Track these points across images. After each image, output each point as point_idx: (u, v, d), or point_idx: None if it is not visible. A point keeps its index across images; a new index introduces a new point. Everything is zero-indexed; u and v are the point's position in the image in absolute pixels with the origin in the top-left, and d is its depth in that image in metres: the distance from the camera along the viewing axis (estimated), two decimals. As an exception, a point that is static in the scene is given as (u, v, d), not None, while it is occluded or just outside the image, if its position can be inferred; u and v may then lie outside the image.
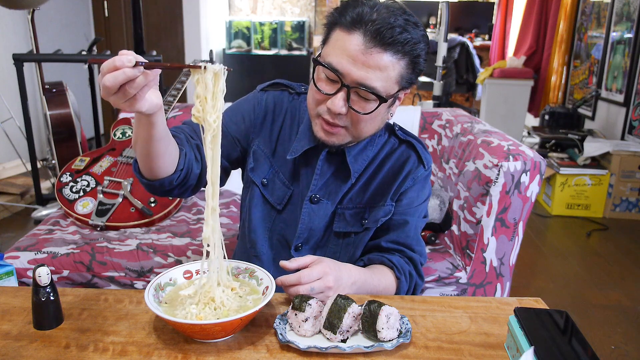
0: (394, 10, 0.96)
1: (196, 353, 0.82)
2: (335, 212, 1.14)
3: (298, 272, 0.95)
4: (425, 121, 2.18)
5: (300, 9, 6.44)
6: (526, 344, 0.76)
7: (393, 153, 1.15)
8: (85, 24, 5.29)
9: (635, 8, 3.76)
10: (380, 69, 0.94)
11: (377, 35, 0.93)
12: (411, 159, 1.14)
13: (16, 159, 3.64)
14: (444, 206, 1.84)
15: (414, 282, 1.16)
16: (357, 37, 0.94)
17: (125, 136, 2.18)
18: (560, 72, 4.88)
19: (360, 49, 0.93)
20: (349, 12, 0.96)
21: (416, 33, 0.96)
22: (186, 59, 5.42)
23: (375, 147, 1.14)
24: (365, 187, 1.14)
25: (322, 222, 1.14)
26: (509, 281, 1.67)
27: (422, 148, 1.16)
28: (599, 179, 3.49)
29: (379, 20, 0.93)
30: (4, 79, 3.81)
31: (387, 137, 1.16)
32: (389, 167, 1.14)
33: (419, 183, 1.14)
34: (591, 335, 2.13)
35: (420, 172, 1.14)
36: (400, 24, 0.94)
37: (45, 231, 1.84)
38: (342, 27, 0.96)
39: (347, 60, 0.95)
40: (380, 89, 0.96)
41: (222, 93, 0.86)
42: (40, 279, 0.86)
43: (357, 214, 1.14)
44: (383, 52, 0.94)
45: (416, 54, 0.97)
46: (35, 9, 2.81)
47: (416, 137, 1.18)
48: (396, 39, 0.93)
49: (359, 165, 1.12)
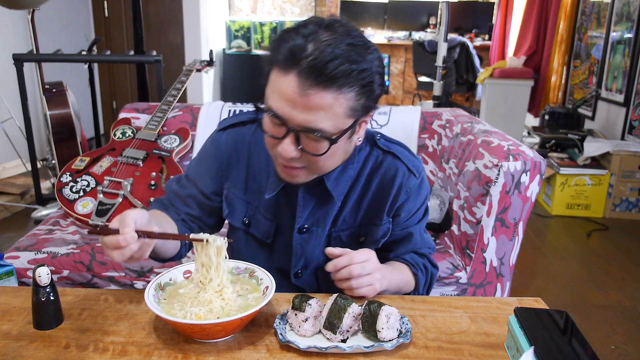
0: (335, 35, 0.85)
1: (196, 353, 0.82)
2: (330, 236, 1.09)
3: (345, 254, 0.97)
4: (425, 121, 2.18)
5: (300, 9, 6.44)
6: (526, 344, 0.76)
7: (379, 167, 1.07)
8: (85, 24, 5.29)
9: (635, 8, 3.76)
10: (324, 108, 0.84)
11: (313, 73, 0.82)
12: (400, 172, 1.06)
13: (16, 159, 3.64)
14: (444, 206, 1.84)
15: (430, 274, 1.17)
16: (292, 79, 0.83)
17: (125, 136, 2.18)
18: (560, 72, 4.88)
19: (297, 91, 0.83)
20: (281, 49, 0.85)
21: (363, 58, 0.86)
22: (186, 59, 5.42)
23: (356, 164, 1.06)
24: (356, 206, 1.08)
25: (317, 249, 1.09)
26: (509, 281, 1.67)
27: (409, 155, 1.09)
28: (599, 179, 3.49)
29: (314, 55, 0.82)
30: (4, 79, 3.81)
31: (369, 150, 1.08)
32: (378, 183, 1.07)
33: (413, 193, 1.08)
34: (591, 335, 2.13)
35: (412, 182, 1.07)
36: (340, 53, 0.83)
37: (45, 231, 1.84)
38: (277, 66, 0.86)
39: (286, 104, 0.85)
40: (329, 128, 0.87)
41: (224, 262, 0.90)
42: (40, 279, 0.86)
43: (353, 234, 1.09)
44: (323, 91, 0.83)
45: (366, 82, 0.86)
46: (35, 9, 2.81)
47: (399, 144, 1.11)
48: (336, 73, 0.82)
49: (342, 188, 1.05)
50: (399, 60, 7.22)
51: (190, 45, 5.45)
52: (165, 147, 2.14)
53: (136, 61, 3.22)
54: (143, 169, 2.04)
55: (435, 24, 6.84)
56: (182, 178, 1.16)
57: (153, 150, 2.12)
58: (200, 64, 2.75)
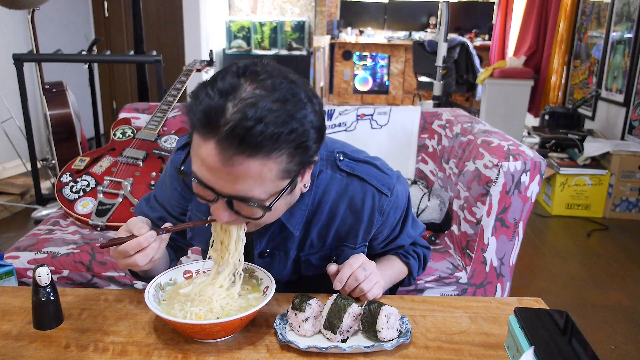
0: (259, 90, 0.73)
1: (196, 353, 0.82)
2: (299, 259, 1.04)
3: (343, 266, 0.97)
4: (425, 121, 2.18)
5: (300, 9, 6.44)
6: (526, 344, 0.75)
7: (345, 192, 0.99)
8: (85, 24, 5.28)
9: (635, 8, 3.76)
10: (252, 177, 0.75)
11: (234, 141, 0.71)
12: (368, 195, 0.99)
13: (16, 159, 3.64)
14: (444, 206, 1.84)
15: (422, 255, 1.17)
16: (212, 147, 0.73)
17: (125, 136, 2.18)
18: (560, 72, 4.87)
19: (219, 160, 0.73)
20: (197, 109, 0.74)
21: (293, 116, 0.74)
22: (186, 59, 5.42)
23: (316, 189, 0.98)
24: (323, 232, 1.01)
25: (283, 271, 1.05)
26: (509, 281, 1.67)
27: (377, 173, 1.00)
28: (599, 179, 3.48)
29: (234, 120, 0.71)
30: (4, 79, 3.81)
31: (331, 172, 0.98)
32: (346, 208, 0.99)
33: (391, 210, 1.02)
34: (591, 335, 2.13)
35: (385, 202, 1.00)
36: (265, 115, 0.71)
37: (45, 231, 1.84)
38: (195, 130, 0.76)
39: (210, 173, 0.76)
40: (261, 195, 0.78)
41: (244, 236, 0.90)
42: (40, 279, 0.86)
43: (324, 256, 1.04)
44: (248, 160, 0.73)
45: (298, 143, 0.75)
46: (35, 9, 2.81)
47: (366, 160, 1.01)
48: (261, 140, 0.71)
49: (298, 218, 0.97)
50: (399, 60, 7.22)
51: (190, 45, 5.44)
52: (165, 147, 2.14)
53: (136, 61, 3.22)
54: (143, 169, 2.04)
55: (435, 24, 6.84)
56: (151, 198, 1.13)
57: (153, 150, 2.12)
58: (200, 64, 2.75)
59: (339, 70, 7.32)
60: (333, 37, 6.99)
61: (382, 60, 7.27)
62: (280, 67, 0.79)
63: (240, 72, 0.76)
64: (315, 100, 0.79)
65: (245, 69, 0.76)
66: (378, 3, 6.99)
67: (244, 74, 0.76)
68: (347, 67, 7.31)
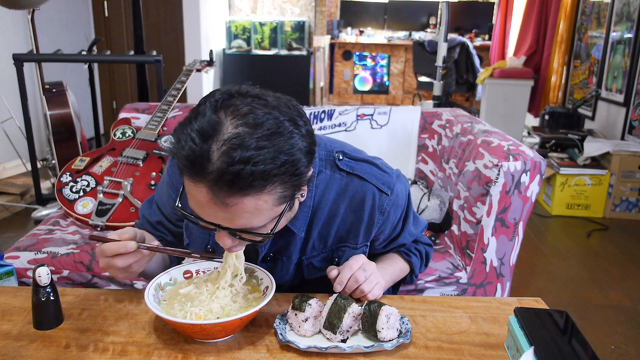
0: (241, 127, 0.71)
1: (196, 353, 0.82)
2: (301, 263, 1.04)
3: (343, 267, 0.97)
4: (425, 121, 2.18)
5: (300, 9, 6.44)
6: (526, 344, 0.75)
7: (345, 191, 0.99)
8: (85, 24, 5.28)
9: (635, 8, 3.76)
10: (248, 211, 0.75)
11: (224, 186, 0.71)
12: (369, 194, 0.99)
13: (16, 159, 3.64)
14: (444, 206, 1.84)
15: (424, 252, 1.17)
16: (203, 190, 0.73)
17: (125, 136, 2.18)
18: (560, 72, 4.87)
19: (213, 202, 0.74)
20: (181, 154, 0.73)
21: (281, 149, 0.72)
22: (186, 59, 5.41)
23: (316, 190, 0.98)
24: (324, 232, 1.01)
25: (286, 276, 1.05)
26: (509, 281, 1.67)
27: (376, 172, 1.00)
28: (599, 179, 3.48)
29: (220, 166, 0.70)
30: (4, 79, 3.81)
31: (331, 172, 0.98)
32: (346, 207, 0.99)
33: (392, 209, 1.02)
34: (591, 335, 2.13)
35: (386, 201, 1.00)
36: (251, 155, 0.70)
37: (45, 231, 1.84)
38: (184, 173, 0.75)
39: (208, 212, 0.76)
40: (260, 223, 0.79)
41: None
42: (40, 279, 0.86)
43: (326, 258, 1.04)
44: (241, 198, 0.73)
45: (290, 173, 0.75)
46: (35, 9, 2.81)
47: (366, 160, 1.01)
48: (250, 181, 0.71)
49: (301, 220, 0.97)
50: (399, 60, 7.22)
51: (190, 45, 5.44)
52: (165, 147, 2.14)
53: (136, 61, 3.22)
54: (143, 169, 2.04)
55: (435, 24, 6.84)
56: (152, 202, 1.14)
57: (153, 150, 2.12)
58: (200, 64, 2.75)
59: (339, 70, 7.32)
60: (333, 37, 6.99)
61: (382, 60, 7.27)
62: (259, 93, 0.77)
63: (219, 106, 0.74)
64: (300, 121, 0.77)
65: (223, 102, 0.74)
66: (378, 3, 6.99)
67: (222, 107, 0.73)
68: (347, 67, 7.31)
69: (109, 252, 0.86)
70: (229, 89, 0.77)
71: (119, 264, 0.87)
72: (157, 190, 1.13)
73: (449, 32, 4.27)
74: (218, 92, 0.77)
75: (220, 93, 0.76)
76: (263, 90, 0.79)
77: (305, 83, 5.92)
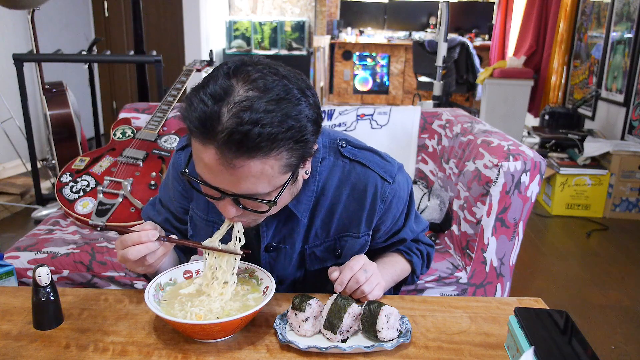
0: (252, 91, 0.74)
1: (196, 353, 0.82)
2: (304, 252, 1.04)
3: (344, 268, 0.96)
4: (425, 121, 2.18)
5: (300, 9, 6.44)
6: (526, 344, 0.76)
7: (347, 178, 1.00)
8: (85, 24, 5.29)
9: (635, 8, 3.76)
10: (254, 175, 0.76)
11: (232, 146, 0.73)
12: (371, 181, 1.00)
13: (16, 159, 3.64)
14: (444, 206, 1.84)
15: (426, 253, 1.17)
16: (212, 151, 0.75)
17: (125, 136, 2.18)
18: (560, 72, 4.87)
19: (221, 164, 0.75)
20: (192, 116, 0.75)
21: (289, 114, 0.75)
22: (186, 59, 5.42)
23: (320, 176, 0.99)
24: (327, 220, 1.02)
25: (289, 266, 1.05)
26: (509, 281, 1.67)
27: (379, 160, 1.02)
28: (599, 179, 3.48)
29: (230, 126, 0.72)
30: (4, 79, 3.81)
31: (334, 159, 1.00)
32: (349, 194, 1.00)
33: (394, 198, 1.02)
34: (591, 335, 2.13)
35: (388, 189, 1.00)
36: (260, 117, 0.72)
37: (45, 231, 1.84)
38: (193, 135, 0.77)
39: (213, 175, 0.78)
40: (265, 189, 0.80)
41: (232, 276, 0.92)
42: (40, 279, 0.86)
43: (328, 248, 1.05)
44: (249, 160, 0.74)
45: (296, 138, 0.76)
46: (35, 9, 2.81)
47: (368, 148, 1.03)
48: (259, 142, 0.72)
49: (305, 205, 0.98)
50: (399, 60, 7.22)
51: (190, 45, 5.45)
52: (165, 147, 2.14)
53: (136, 61, 3.22)
54: (143, 169, 2.04)
55: (435, 24, 6.84)
56: (156, 202, 1.15)
57: (153, 150, 2.12)
58: (200, 64, 2.75)
59: (339, 70, 7.32)
60: (333, 37, 6.99)
61: (382, 60, 7.27)
62: (270, 63, 0.79)
63: (231, 72, 0.76)
64: (308, 92, 0.80)
65: (235, 69, 0.77)
66: (378, 3, 6.99)
67: (235, 74, 0.76)
68: (347, 67, 7.31)
69: (130, 241, 0.86)
70: (242, 58, 0.80)
71: (134, 255, 0.86)
72: (161, 188, 1.14)
73: (449, 32, 4.27)
74: (231, 61, 0.79)
75: (233, 61, 0.79)
76: (274, 61, 0.81)
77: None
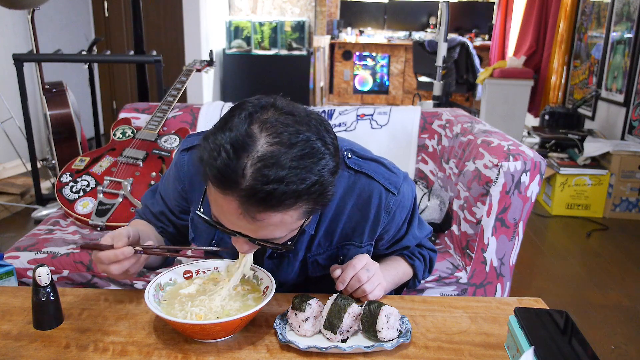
0: (276, 145, 0.72)
1: (196, 353, 0.82)
2: (307, 260, 1.05)
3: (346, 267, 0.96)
4: (425, 121, 2.18)
5: (300, 9, 6.44)
6: (526, 344, 0.75)
7: (352, 189, 1.00)
8: (85, 24, 5.28)
9: (635, 8, 3.76)
10: (274, 225, 0.77)
11: (255, 201, 0.72)
12: (375, 193, 0.99)
13: (16, 159, 3.64)
14: (444, 206, 1.84)
15: (428, 258, 1.17)
16: (233, 202, 0.74)
17: (125, 136, 2.18)
18: (560, 72, 4.87)
19: (242, 215, 0.75)
20: (212, 164, 0.73)
21: (312, 170, 0.74)
22: (186, 59, 5.41)
23: None
24: (330, 230, 1.02)
25: (291, 273, 1.05)
26: (509, 281, 1.67)
27: (384, 171, 1.01)
28: (599, 179, 3.48)
29: (252, 183, 0.71)
30: (4, 79, 3.81)
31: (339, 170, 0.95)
32: (353, 205, 1.00)
33: (398, 209, 1.02)
34: (591, 335, 2.13)
35: (392, 201, 1.00)
36: (285, 174, 0.71)
37: (45, 231, 1.84)
38: (212, 183, 0.75)
39: (233, 222, 0.78)
40: (282, 234, 0.81)
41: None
42: (40, 279, 0.86)
43: (331, 256, 1.05)
44: (271, 213, 0.75)
45: (319, 192, 0.76)
46: (35, 9, 2.81)
47: (374, 159, 1.02)
48: (281, 199, 0.72)
49: (313, 218, 0.98)
50: (399, 60, 7.22)
51: (190, 45, 5.44)
52: (165, 147, 2.14)
53: (136, 61, 3.22)
54: (143, 169, 2.04)
55: (435, 24, 6.85)
56: (157, 192, 1.14)
57: (153, 150, 2.12)
58: (200, 64, 2.75)
59: (339, 70, 7.32)
60: (333, 37, 6.99)
61: (382, 60, 7.27)
62: (291, 109, 0.77)
63: (253, 119, 0.74)
64: (329, 139, 0.78)
65: (257, 116, 0.75)
66: (378, 3, 6.99)
67: (256, 121, 0.74)
68: (347, 67, 7.31)
69: (107, 261, 0.87)
70: (261, 100, 0.78)
71: (115, 271, 0.87)
72: (162, 182, 1.13)
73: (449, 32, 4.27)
74: (250, 104, 0.77)
75: (253, 105, 0.77)
76: (292, 103, 0.79)
77: (305, 83, 5.92)
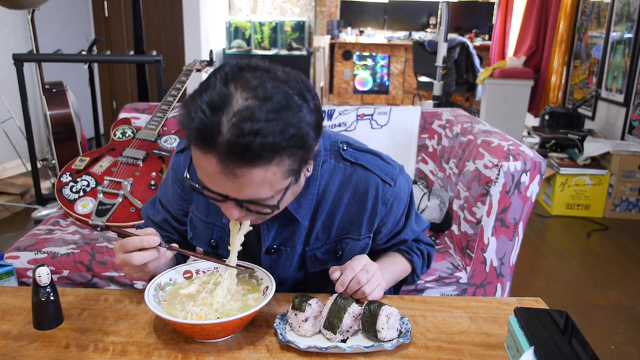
0: (252, 100, 0.72)
1: (196, 353, 0.82)
2: (305, 255, 1.04)
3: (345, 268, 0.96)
4: (425, 121, 2.18)
5: (300, 9, 6.44)
6: (526, 344, 0.76)
7: (348, 180, 1.00)
8: (85, 24, 5.28)
9: (635, 8, 3.76)
10: (256, 182, 0.76)
11: (233, 155, 0.72)
12: (372, 184, 0.99)
13: (16, 159, 3.64)
14: (444, 206, 1.84)
15: (426, 253, 1.17)
16: (212, 160, 0.74)
17: (125, 136, 2.18)
18: (560, 72, 4.87)
19: (222, 172, 0.74)
20: (191, 126, 0.73)
21: (290, 122, 0.73)
22: (186, 59, 5.42)
23: (320, 180, 0.98)
24: (328, 222, 1.02)
25: (289, 268, 1.05)
26: (509, 281, 1.67)
27: (380, 163, 1.01)
28: (599, 179, 3.48)
29: (230, 137, 0.71)
30: (4, 79, 3.81)
31: (335, 162, 1.00)
32: (350, 197, 1.00)
33: (395, 201, 1.02)
34: (591, 335, 2.13)
35: (389, 192, 1.00)
36: (261, 126, 0.71)
37: (45, 231, 1.84)
38: (193, 144, 0.75)
39: (215, 182, 0.77)
40: (268, 194, 0.79)
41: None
42: (40, 279, 0.86)
43: (329, 250, 1.05)
44: (250, 169, 0.74)
45: (298, 145, 0.75)
46: (35, 9, 2.81)
47: (370, 151, 1.03)
48: (259, 152, 0.72)
49: (306, 208, 0.98)
50: (399, 60, 7.22)
51: (190, 45, 5.44)
52: (165, 147, 2.14)
53: (136, 61, 3.22)
54: (143, 169, 2.04)
55: (435, 24, 6.84)
56: (156, 201, 1.14)
57: (153, 150, 2.12)
58: (200, 64, 2.75)
59: (339, 70, 7.32)
60: (333, 37, 6.99)
61: (382, 60, 7.27)
62: (268, 67, 0.77)
63: (229, 78, 0.74)
64: (309, 96, 0.78)
65: (233, 75, 0.74)
66: (378, 3, 6.99)
67: (233, 80, 0.74)
68: (347, 67, 7.31)
69: (131, 246, 0.86)
70: (239, 62, 0.77)
71: (136, 261, 0.86)
72: (161, 189, 1.13)
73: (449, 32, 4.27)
74: (227, 66, 0.77)
75: (230, 66, 0.77)
76: (272, 64, 0.79)
77: (305, 83, 5.91)
